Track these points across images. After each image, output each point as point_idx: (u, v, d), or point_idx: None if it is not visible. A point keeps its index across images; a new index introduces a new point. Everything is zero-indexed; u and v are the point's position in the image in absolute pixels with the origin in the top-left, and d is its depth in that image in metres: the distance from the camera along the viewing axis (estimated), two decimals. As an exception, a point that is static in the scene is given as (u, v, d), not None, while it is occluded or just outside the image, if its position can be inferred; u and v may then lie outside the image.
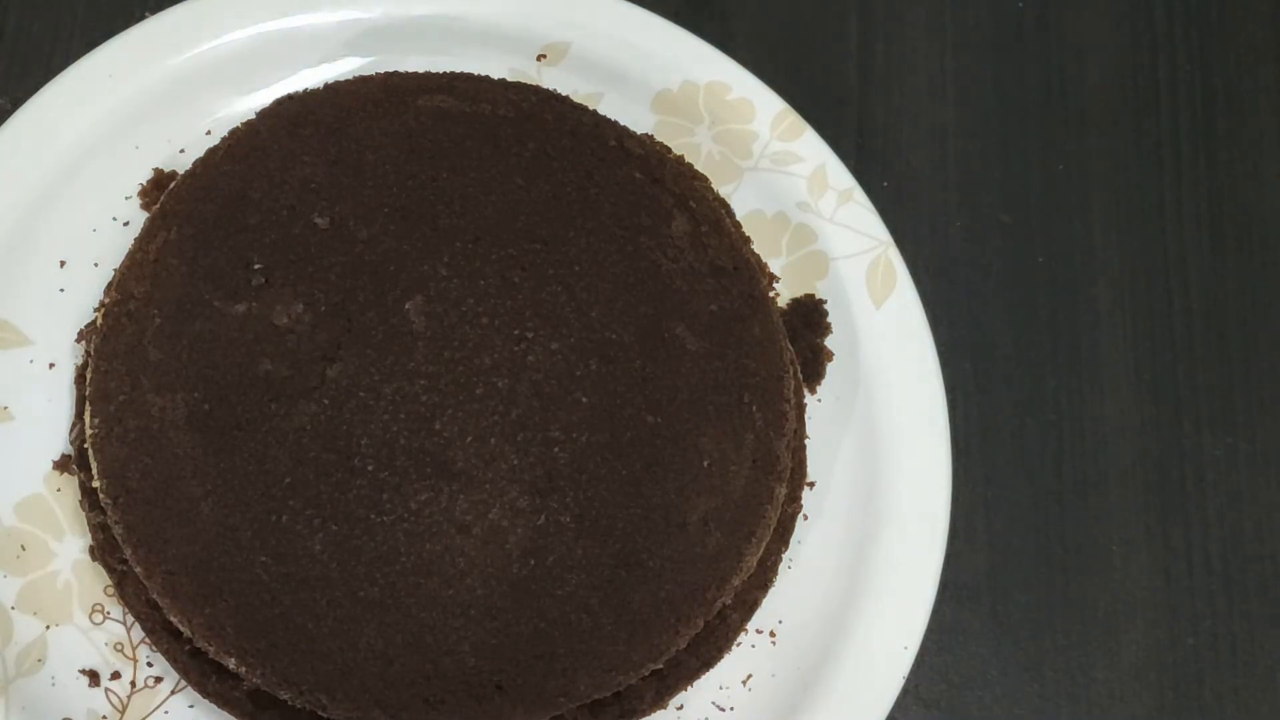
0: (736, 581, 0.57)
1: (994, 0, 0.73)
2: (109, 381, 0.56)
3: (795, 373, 0.62)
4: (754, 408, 0.57)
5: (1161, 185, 0.71)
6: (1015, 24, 0.73)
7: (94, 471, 0.56)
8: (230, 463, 0.54)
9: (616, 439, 0.55)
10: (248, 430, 0.54)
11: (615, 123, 0.62)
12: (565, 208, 0.58)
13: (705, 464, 0.56)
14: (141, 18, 0.64)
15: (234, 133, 0.60)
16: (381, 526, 0.53)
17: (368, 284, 0.56)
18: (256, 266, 0.56)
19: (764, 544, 0.58)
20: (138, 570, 0.55)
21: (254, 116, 0.61)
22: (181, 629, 0.55)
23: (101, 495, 0.56)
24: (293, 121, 0.60)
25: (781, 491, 0.58)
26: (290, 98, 0.61)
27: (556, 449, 0.55)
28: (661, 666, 0.57)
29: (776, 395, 0.58)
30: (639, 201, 0.59)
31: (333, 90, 0.61)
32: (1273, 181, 0.71)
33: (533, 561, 0.54)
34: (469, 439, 0.54)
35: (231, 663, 0.54)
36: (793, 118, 0.65)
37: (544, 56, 0.66)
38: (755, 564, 0.58)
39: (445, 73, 0.62)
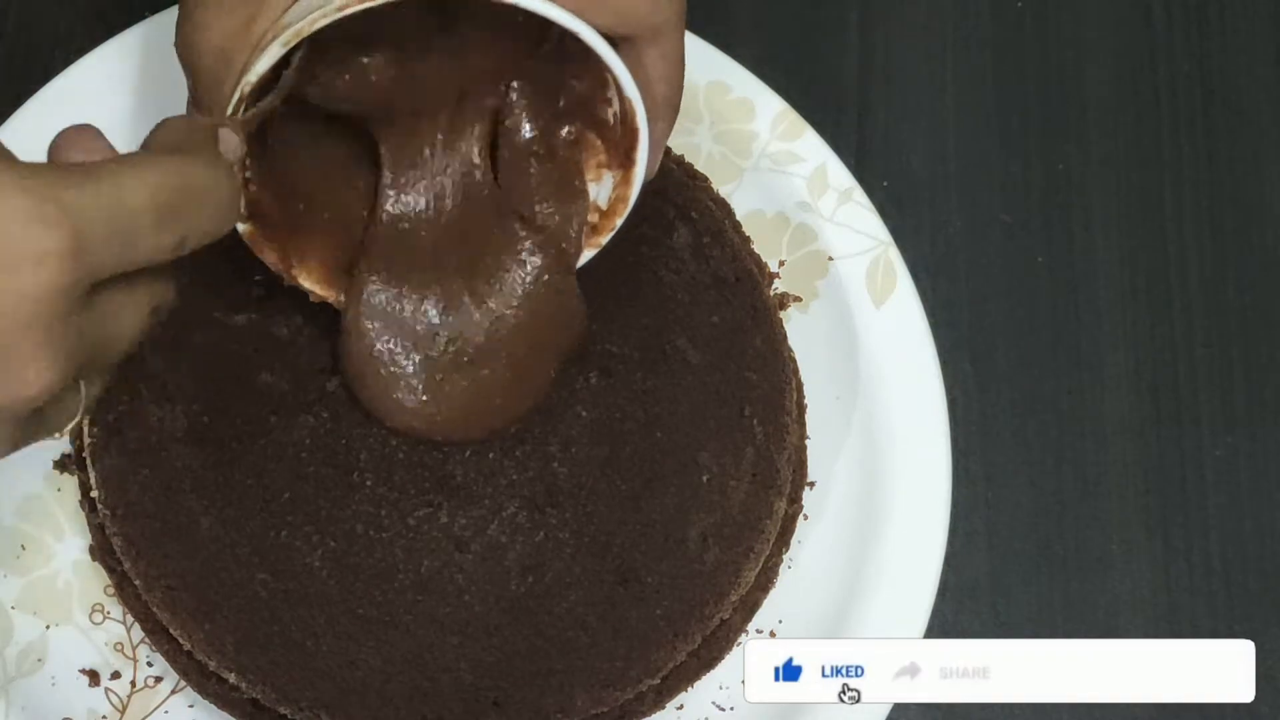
0: (734, 597, 0.57)
1: (994, 0, 0.73)
2: (107, 390, 0.56)
3: (797, 381, 0.62)
4: (754, 421, 0.57)
5: (1161, 185, 0.71)
6: (1015, 23, 0.73)
7: (92, 480, 0.56)
8: (229, 477, 0.54)
9: (616, 454, 0.55)
10: (247, 444, 0.54)
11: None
12: None
13: (705, 479, 0.56)
14: (142, 17, 0.64)
15: (236, 143, 0.60)
16: (380, 543, 0.53)
17: None
18: (257, 278, 0.56)
19: (763, 558, 0.58)
20: (137, 583, 0.55)
21: (256, 125, 0.61)
22: (182, 642, 0.55)
23: (100, 505, 0.56)
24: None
25: (781, 506, 0.58)
26: (292, 109, 0.61)
27: (556, 464, 0.55)
28: (658, 681, 0.57)
29: (778, 408, 0.58)
30: (641, 213, 0.59)
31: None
32: (1273, 181, 0.71)
33: (531, 578, 0.54)
34: (468, 453, 0.54)
35: (232, 677, 0.54)
36: (793, 118, 0.65)
37: (544, 56, 0.65)
38: (754, 578, 0.58)
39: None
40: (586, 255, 0.54)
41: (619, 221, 0.53)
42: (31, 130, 0.62)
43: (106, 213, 0.37)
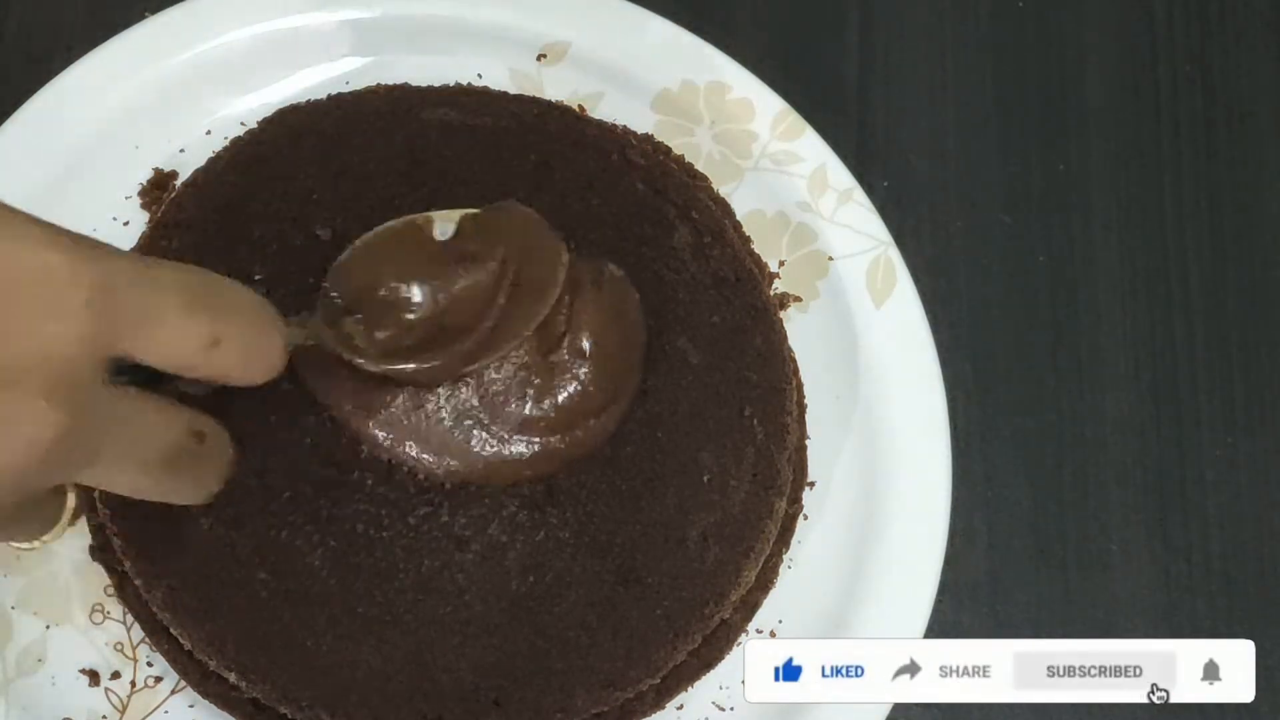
0: (735, 597, 0.57)
1: (994, 0, 0.73)
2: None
3: (797, 381, 0.62)
4: (755, 421, 0.57)
5: (1161, 185, 0.71)
6: (1015, 23, 0.73)
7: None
8: (230, 476, 0.54)
9: (616, 454, 0.55)
10: (247, 444, 0.54)
11: (618, 133, 0.62)
12: (567, 219, 0.58)
13: (705, 479, 0.56)
14: (141, 18, 0.64)
15: (236, 142, 0.60)
16: (380, 542, 0.53)
17: None
18: (258, 277, 0.56)
19: (763, 558, 0.58)
20: (138, 583, 0.55)
21: (256, 126, 0.61)
22: (183, 642, 0.55)
23: (100, 506, 0.56)
24: (295, 132, 0.60)
25: (781, 506, 0.58)
26: (294, 108, 0.61)
27: None
28: (658, 680, 0.57)
29: (778, 408, 0.58)
30: (641, 213, 0.59)
31: (336, 102, 0.61)
32: (1273, 181, 0.71)
33: (531, 578, 0.54)
34: None
35: (232, 677, 0.54)
36: (793, 118, 0.65)
37: (544, 56, 0.66)
38: (754, 577, 0.58)
39: (449, 86, 0.62)
40: None
41: None
42: (32, 130, 0.62)
43: (131, 277, 0.39)
